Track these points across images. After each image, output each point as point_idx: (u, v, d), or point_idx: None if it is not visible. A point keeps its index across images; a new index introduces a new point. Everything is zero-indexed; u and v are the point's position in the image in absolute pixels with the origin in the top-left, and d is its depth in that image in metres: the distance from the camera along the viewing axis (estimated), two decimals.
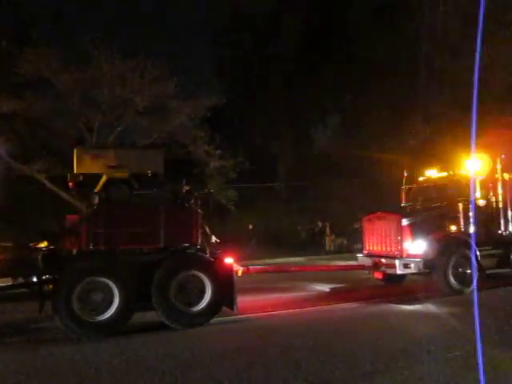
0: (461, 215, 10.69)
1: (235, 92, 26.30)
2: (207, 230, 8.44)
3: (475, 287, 9.90)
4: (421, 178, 12.54)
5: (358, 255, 11.85)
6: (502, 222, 11.26)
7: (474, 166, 11.06)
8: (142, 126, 20.93)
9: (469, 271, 10.14)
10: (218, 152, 22.49)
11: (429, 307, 8.77)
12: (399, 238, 10.33)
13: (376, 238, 11.10)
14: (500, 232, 11.27)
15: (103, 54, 19.09)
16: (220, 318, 7.88)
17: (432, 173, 12.21)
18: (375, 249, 11.14)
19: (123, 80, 19.80)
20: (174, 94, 20.66)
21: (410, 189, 12.55)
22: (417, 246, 10.18)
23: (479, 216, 10.69)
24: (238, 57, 25.94)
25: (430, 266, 10.05)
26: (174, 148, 22.04)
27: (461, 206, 10.72)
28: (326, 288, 11.72)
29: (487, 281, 10.66)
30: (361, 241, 11.82)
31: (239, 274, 8.74)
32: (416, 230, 10.29)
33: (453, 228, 10.64)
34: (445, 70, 21.75)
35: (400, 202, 12.61)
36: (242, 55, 25.56)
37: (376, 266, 10.75)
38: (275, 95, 24.08)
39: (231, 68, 26.85)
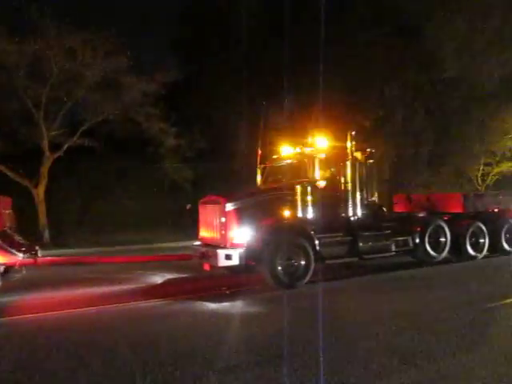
0: (298, 198, 9.35)
1: (192, 69, 25.94)
2: None
3: (306, 280, 8.90)
4: (274, 156, 11.12)
5: (194, 243, 10.31)
6: (349, 205, 10.02)
7: (318, 143, 9.92)
8: (94, 102, 20.30)
9: (303, 262, 8.90)
10: (173, 130, 22.26)
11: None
12: (223, 224, 8.91)
13: (206, 224, 9.70)
14: (348, 217, 10.04)
15: (51, 25, 18.32)
16: None
17: (284, 150, 10.79)
18: (206, 236, 9.74)
19: (73, 53, 19.08)
20: (127, 69, 20.03)
21: (264, 168, 11.11)
22: (242, 235, 8.83)
23: (323, 199, 9.52)
24: (195, 33, 25.53)
25: (255, 256, 8.70)
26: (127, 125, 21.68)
27: (299, 187, 9.38)
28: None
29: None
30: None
31: (16, 266, 7.90)
32: (243, 215, 8.92)
33: (287, 213, 9.28)
34: (399, 51, 22.46)
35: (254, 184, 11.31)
36: (200, 31, 25.18)
37: (203, 256, 9.30)
38: (233, 73, 23.96)
39: (188, 44, 26.36)
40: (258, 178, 11.22)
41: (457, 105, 24.02)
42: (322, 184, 9.63)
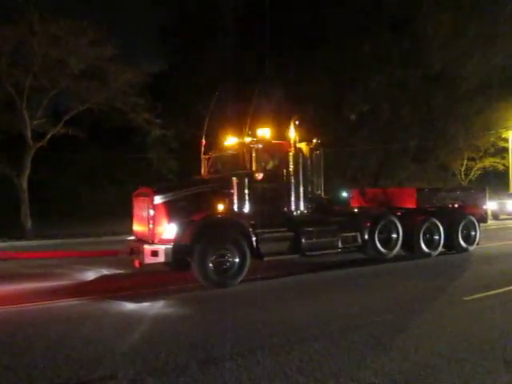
0: (235, 191, 8.71)
1: (178, 59, 25.74)
2: None
3: (237, 279, 8.24)
4: (220, 146, 10.39)
5: (128, 238, 9.61)
6: (292, 199, 9.41)
7: (258, 132, 9.34)
8: (79, 91, 20.00)
9: (237, 260, 8.29)
10: (158, 121, 22.09)
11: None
12: (151, 218, 8.30)
13: (137, 217, 9.09)
14: (290, 211, 9.46)
15: (35, 11, 17.98)
16: None
17: (229, 140, 10.04)
18: (138, 230, 9.11)
19: (57, 40, 18.76)
20: (112, 57, 19.79)
21: (209, 158, 10.38)
22: (171, 230, 8.18)
23: (262, 192, 8.92)
24: (182, 23, 25.29)
25: (185, 253, 8.05)
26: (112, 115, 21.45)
27: (235, 179, 8.74)
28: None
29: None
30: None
31: None
32: (173, 209, 8.30)
33: (221, 207, 8.64)
34: (386, 46, 22.53)
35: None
36: (186, 22, 24.96)
37: (132, 252, 8.69)
38: (219, 65, 23.84)
39: (174, 34, 26.13)
40: (203, 169, 10.53)
41: (442, 100, 24.24)
42: (259, 176, 8.94)
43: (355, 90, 22.55)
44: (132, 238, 9.40)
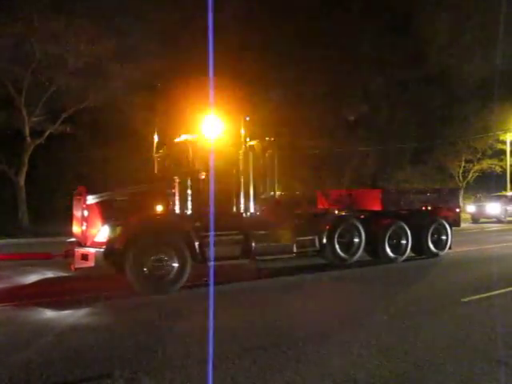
0: (177, 191, 8.22)
1: (177, 57, 25.63)
2: None
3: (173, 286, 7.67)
4: (170, 144, 9.86)
5: (68, 239, 8.99)
6: (241, 200, 8.85)
7: (204, 129, 8.78)
8: (77, 89, 20.00)
9: (176, 265, 7.74)
10: (157, 119, 21.99)
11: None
12: (84, 219, 7.82)
13: (74, 218, 8.63)
14: (239, 213, 8.88)
15: (34, 7, 17.91)
16: None
17: (179, 137, 9.44)
18: (75, 232, 8.56)
19: (56, 37, 18.70)
20: (111, 56, 19.83)
21: (161, 157, 9.89)
22: (104, 232, 7.68)
23: (208, 193, 8.32)
24: (181, 22, 25.22)
25: (118, 257, 7.50)
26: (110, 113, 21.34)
27: (176, 179, 8.25)
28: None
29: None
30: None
31: None
32: (107, 210, 7.83)
33: (159, 208, 8.19)
34: (385, 47, 22.50)
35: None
36: (185, 20, 24.89)
37: (67, 255, 8.22)
38: (219, 64, 23.79)
39: (174, 33, 26.05)
40: (155, 168, 10.00)
41: (441, 102, 24.25)
42: (202, 175, 8.42)
43: (354, 90, 22.52)
44: (72, 239, 8.79)
